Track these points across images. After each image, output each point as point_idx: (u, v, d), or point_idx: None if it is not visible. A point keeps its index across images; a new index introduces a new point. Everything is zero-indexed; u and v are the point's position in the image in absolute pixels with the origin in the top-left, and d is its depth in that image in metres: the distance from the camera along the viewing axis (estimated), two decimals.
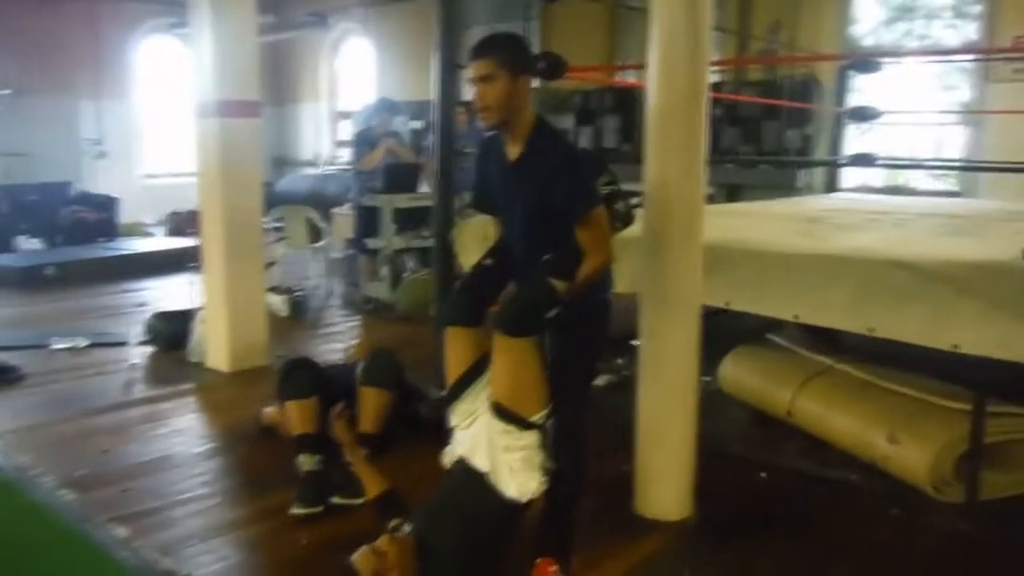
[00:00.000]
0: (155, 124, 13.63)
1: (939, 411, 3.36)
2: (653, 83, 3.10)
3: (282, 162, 14.51)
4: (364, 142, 7.26)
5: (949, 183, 8.55)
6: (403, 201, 6.65)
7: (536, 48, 11.41)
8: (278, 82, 13.97)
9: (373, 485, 2.68)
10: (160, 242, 10.07)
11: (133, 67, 12.83)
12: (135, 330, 5.55)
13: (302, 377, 3.56)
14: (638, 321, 3.13)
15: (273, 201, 8.17)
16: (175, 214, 11.48)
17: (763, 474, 3.50)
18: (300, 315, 6.47)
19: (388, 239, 6.52)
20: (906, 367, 3.72)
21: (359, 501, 3.14)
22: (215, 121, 4.80)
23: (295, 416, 3.43)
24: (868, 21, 8.86)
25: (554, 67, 4.35)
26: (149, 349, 5.29)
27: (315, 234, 7.71)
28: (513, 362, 2.41)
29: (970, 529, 3.04)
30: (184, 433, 3.96)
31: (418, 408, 3.98)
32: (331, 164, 14.08)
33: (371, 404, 3.59)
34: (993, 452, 3.24)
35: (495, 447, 2.39)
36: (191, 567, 2.73)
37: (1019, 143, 3.87)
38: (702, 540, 3.00)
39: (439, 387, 4.06)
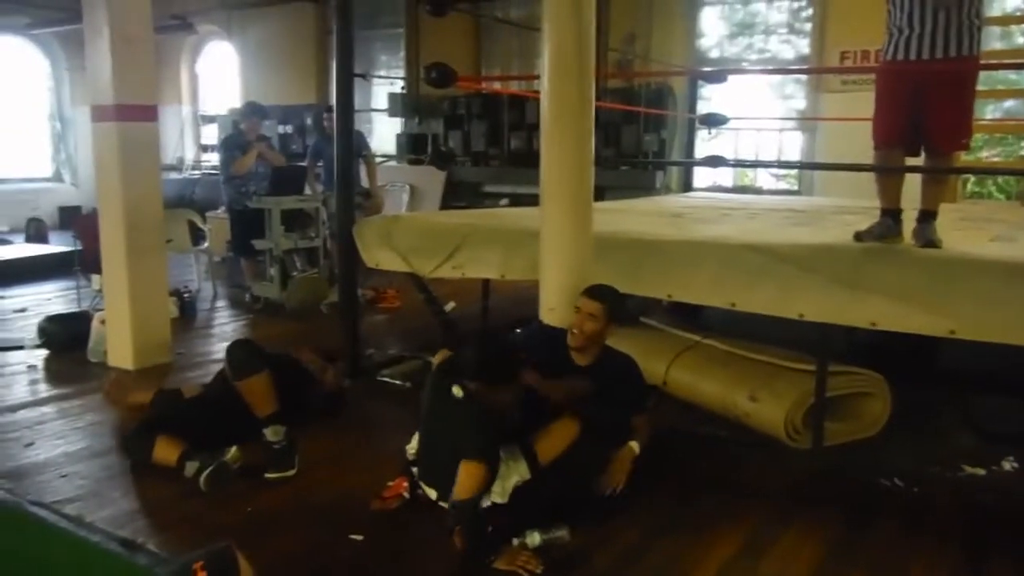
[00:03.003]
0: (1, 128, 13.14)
1: (790, 373, 3.91)
2: (546, 94, 3.55)
3: None
4: (234, 147, 7.27)
5: (789, 182, 9.48)
6: (290, 203, 6.82)
7: (403, 54, 11.76)
8: None
9: None
10: (22, 248, 9.72)
11: None
12: (23, 335, 5.55)
13: (254, 354, 3.72)
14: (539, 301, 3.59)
15: None
16: (34, 220, 11.14)
17: None
18: (190, 315, 6.56)
19: (277, 240, 6.68)
20: (762, 340, 4.32)
21: (291, 473, 3.46)
22: (113, 125, 4.90)
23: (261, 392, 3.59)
24: (713, 35, 9.70)
25: (444, 77, 4.75)
26: (44, 352, 5.31)
27: (196, 237, 7.78)
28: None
29: (817, 468, 3.61)
30: (102, 424, 4.07)
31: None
32: (196, 168, 13.92)
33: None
34: (834, 405, 3.84)
35: None
36: (144, 537, 2.95)
37: (847, 146, 4.57)
38: None
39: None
